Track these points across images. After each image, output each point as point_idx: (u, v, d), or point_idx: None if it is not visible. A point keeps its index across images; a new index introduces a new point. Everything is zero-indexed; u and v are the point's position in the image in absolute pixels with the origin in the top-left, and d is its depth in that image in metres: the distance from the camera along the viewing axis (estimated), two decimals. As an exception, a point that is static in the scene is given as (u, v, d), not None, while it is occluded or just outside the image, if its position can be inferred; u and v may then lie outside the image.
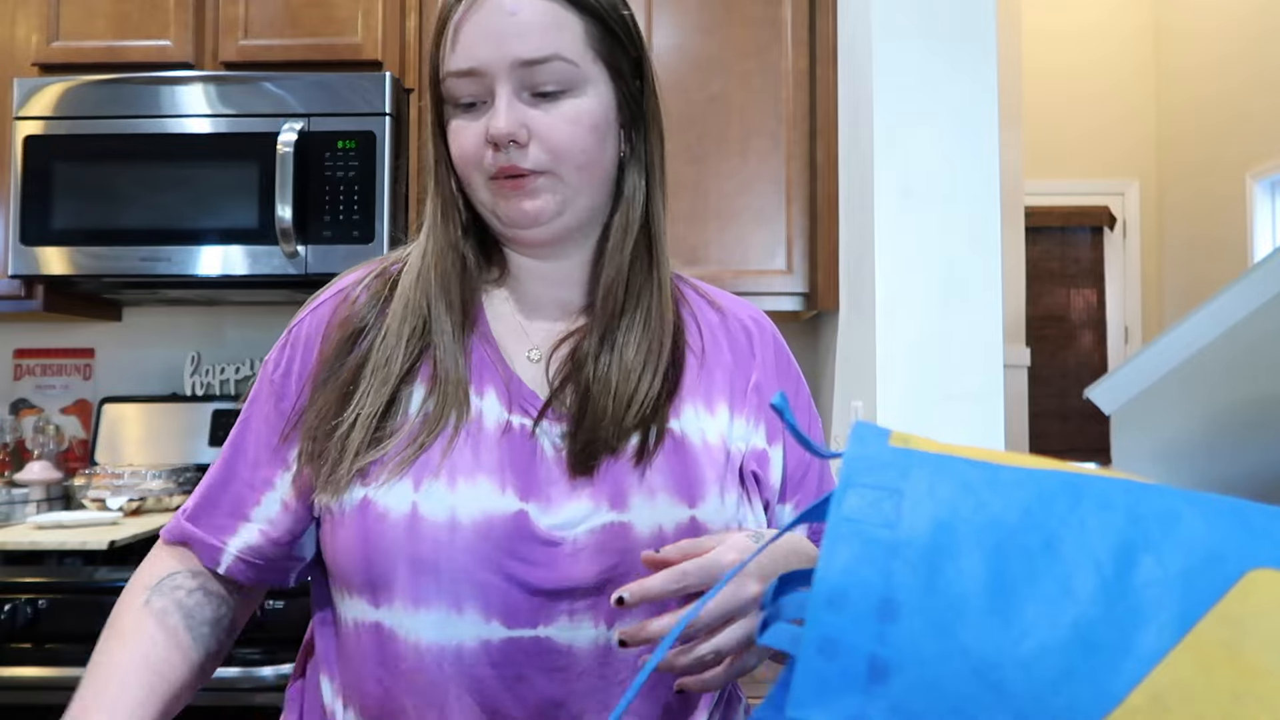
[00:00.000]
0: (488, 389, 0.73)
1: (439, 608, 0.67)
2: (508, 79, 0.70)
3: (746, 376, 0.78)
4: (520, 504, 0.69)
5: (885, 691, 0.34)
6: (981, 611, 0.33)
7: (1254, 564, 0.33)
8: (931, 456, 0.37)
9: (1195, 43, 4.91)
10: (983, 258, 1.68)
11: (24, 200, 1.94)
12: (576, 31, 0.72)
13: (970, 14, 1.70)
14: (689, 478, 0.71)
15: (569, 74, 0.71)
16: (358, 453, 0.69)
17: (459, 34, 0.71)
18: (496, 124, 0.70)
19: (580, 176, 0.73)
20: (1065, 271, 5.44)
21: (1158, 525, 0.34)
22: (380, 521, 0.68)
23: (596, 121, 0.73)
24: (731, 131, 2.11)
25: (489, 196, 0.73)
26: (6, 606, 1.57)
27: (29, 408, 2.38)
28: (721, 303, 0.83)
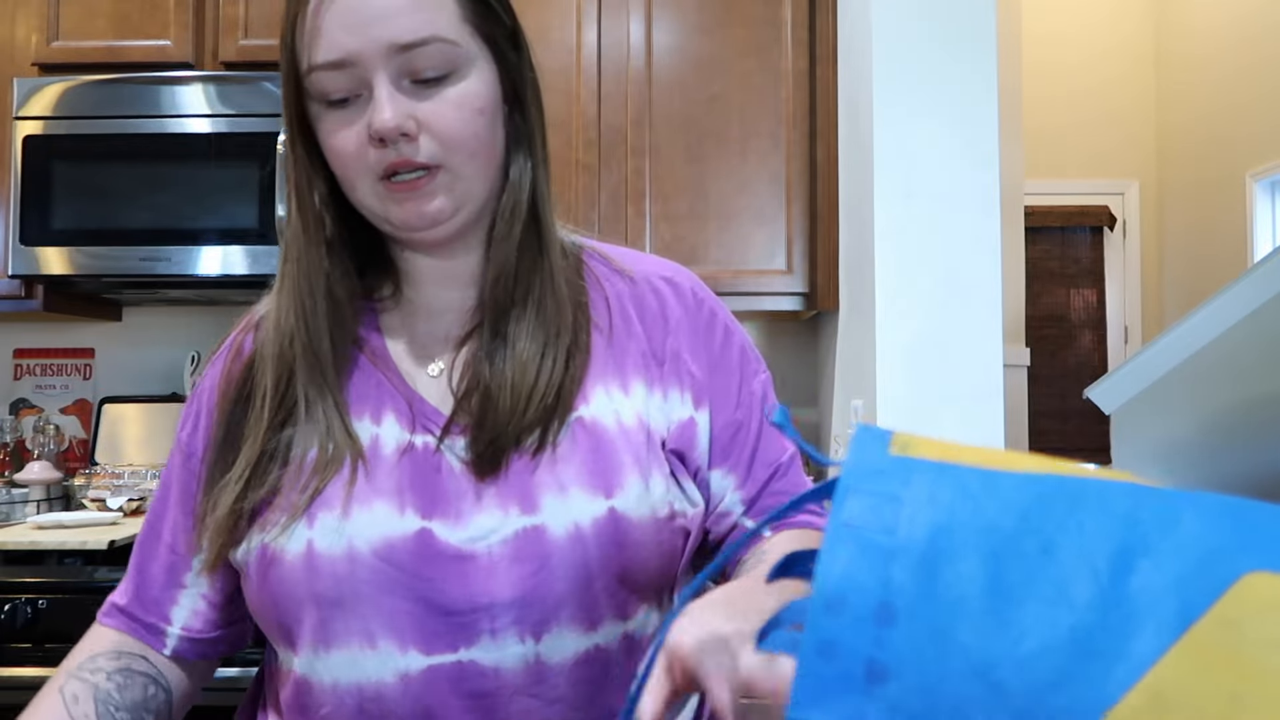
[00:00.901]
0: (386, 415, 0.69)
1: (350, 645, 0.63)
2: (384, 67, 0.63)
3: (662, 344, 0.72)
4: (422, 522, 0.64)
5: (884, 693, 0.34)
6: (979, 614, 0.34)
7: (1251, 567, 0.33)
8: (931, 464, 0.37)
9: (1195, 43, 4.91)
10: (983, 258, 1.68)
11: (24, 200, 1.94)
12: (449, 7, 0.65)
13: (970, 14, 1.70)
14: (603, 466, 0.66)
15: (450, 55, 0.64)
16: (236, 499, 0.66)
17: (320, 21, 0.63)
18: (381, 118, 0.62)
19: (474, 165, 0.67)
20: (1065, 271, 5.44)
21: (1156, 528, 0.34)
22: (278, 566, 0.64)
23: (484, 104, 0.66)
24: (731, 131, 2.11)
25: (377, 202, 0.66)
26: (6, 606, 1.57)
27: (29, 408, 2.38)
28: (632, 269, 0.76)
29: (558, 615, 0.64)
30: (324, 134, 0.66)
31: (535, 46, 2.31)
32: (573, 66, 2.13)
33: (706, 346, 0.74)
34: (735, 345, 0.76)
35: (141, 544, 0.76)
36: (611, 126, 2.12)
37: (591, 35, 2.13)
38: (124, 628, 0.74)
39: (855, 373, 1.89)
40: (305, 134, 0.69)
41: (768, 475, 0.73)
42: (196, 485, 0.72)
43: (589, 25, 2.13)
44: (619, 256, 0.77)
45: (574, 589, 0.64)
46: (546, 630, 0.63)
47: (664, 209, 2.11)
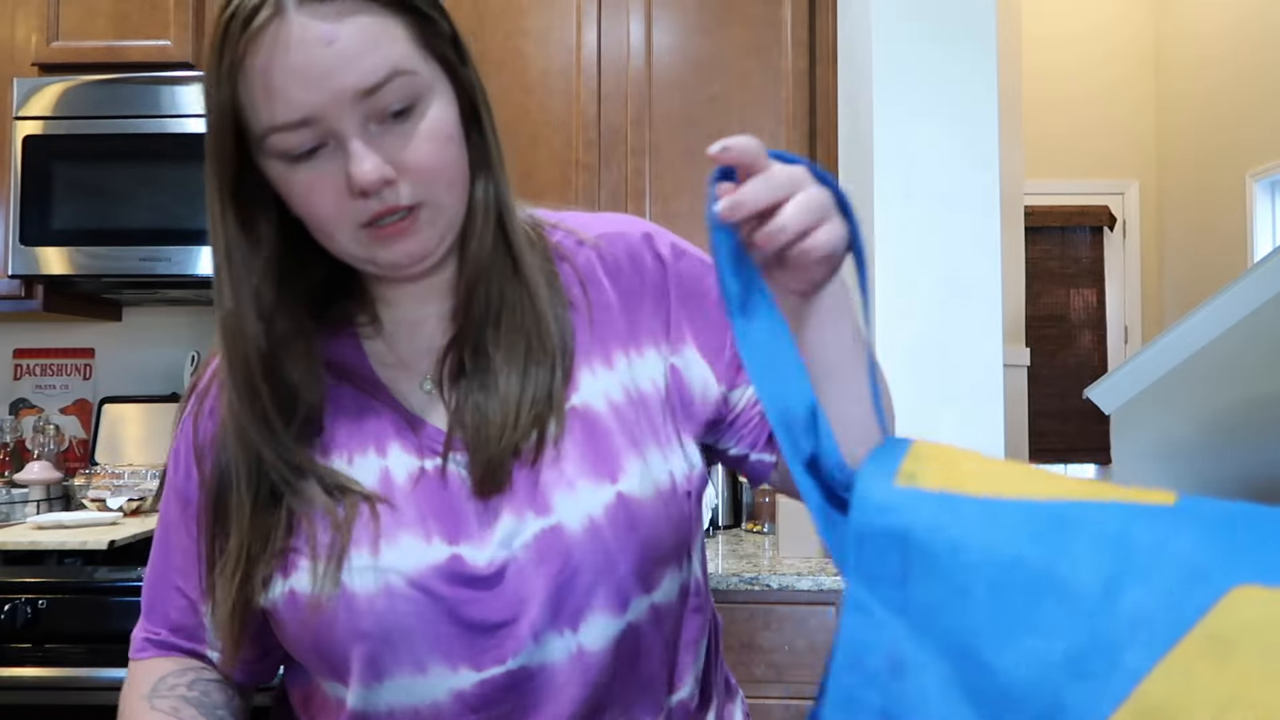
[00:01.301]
0: (390, 445, 0.69)
1: (401, 675, 0.64)
2: (350, 115, 0.60)
3: (635, 302, 0.73)
4: (450, 548, 0.65)
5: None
6: (979, 659, 0.36)
7: (1238, 580, 0.34)
8: (934, 500, 0.39)
9: (1195, 43, 4.91)
10: (983, 258, 1.68)
11: (24, 200, 1.94)
12: (402, 37, 0.61)
13: (970, 14, 1.70)
14: (602, 453, 0.67)
15: (412, 86, 0.61)
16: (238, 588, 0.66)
17: (272, 81, 0.59)
18: (361, 171, 0.60)
19: (452, 194, 0.65)
20: (1065, 271, 5.44)
21: (1146, 548, 0.36)
22: (315, 611, 0.64)
23: (452, 129, 0.64)
24: (731, 132, 2.10)
25: (360, 249, 0.64)
26: (6, 606, 1.57)
27: (29, 408, 2.38)
28: (594, 236, 0.75)
29: (590, 604, 0.65)
30: (295, 193, 0.63)
31: (535, 46, 2.29)
32: (573, 66, 2.13)
33: (676, 286, 0.74)
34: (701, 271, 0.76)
35: (154, 584, 0.75)
36: (611, 126, 2.12)
37: (591, 35, 2.13)
38: (171, 654, 0.74)
39: (855, 373, 1.89)
40: (237, 199, 0.65)
41: None
42: (198, 535, 0.71)
43: (589, 25, 2.13)
44: (578, 225, 0.77)
45: (600, 576, 0.66)
46: (582, 620, 0.65)
47: (664, 209, 2.11)
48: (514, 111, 2.12)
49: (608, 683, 0.67)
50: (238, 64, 0.59)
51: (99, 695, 1.57)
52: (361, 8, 0.60)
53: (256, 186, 0.65)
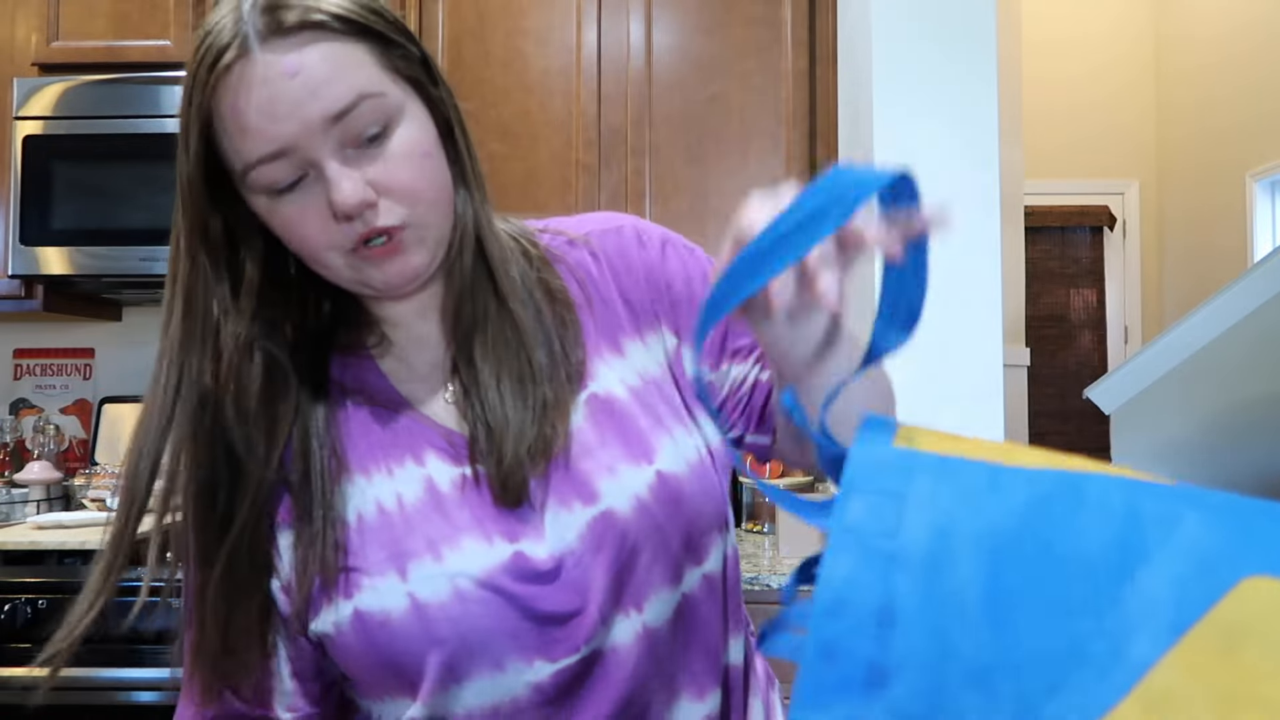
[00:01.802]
0: (426, 454, 0.70)
1: (480, 675, 0.66)
2: (324, 142, 0.61)
3: (631, 293, 0.75)
4: (512, 546, 0.67)
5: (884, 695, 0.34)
6: (978, 620, 0.34)
7: (1249, 571, 0.33)
8: (935, 459, 0.37)
9: (1195, 43, 4.91)
10: (983, 258, 1.68)
11: (24, 200, 1.95)
12: (365, 60, 0.63)
13: (970, 14, 1.70)
14: (632, 436, 0.70)
15: (382, 107, 0.63)
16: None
17: (243, 121, 0.60)
18: (341, 196, 0.61)
19: (436, 211, 0.66)
20: (1065, 271, 5.44)
21: (1155, 531, 0.34)
22: (384, 628, 0.65)
23: (428, 147, 0.66)
24: (731, 132, 2.11)
25: (353, 272, 0.65)
26: (6, 606, 1.57)
27: (29, 408, 2.38)
28: (586, 236, 0.78)
29: (650, 582, 0.68)
30: (281, 224, 0.64)
31: (535, 46, 2.30)
32: (573, 66, 2.13)
33: (662, 274, 0.76)
34: (698, 257, 0.78)
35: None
36: (611, 126, 2.12)
37: (591, 35, 2.13)
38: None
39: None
40: (208, 241, 0.66)
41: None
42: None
43: (589, 25, 2.13)
44: (568, 226, 0.79)
45: (656, 554, 0.68)
46: (645, 599, 0.68)
47: (664, 209, 2.11)
48: (514, 111, 2.12)
49: (673, 655, 0.69)
50: (208, 107, 0.61)
51: (99, 695, 1.57)
52: (323, 37, 0.61)
53: (232, 230, 0.67)
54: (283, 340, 0.69)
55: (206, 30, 0.61)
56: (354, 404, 0.72)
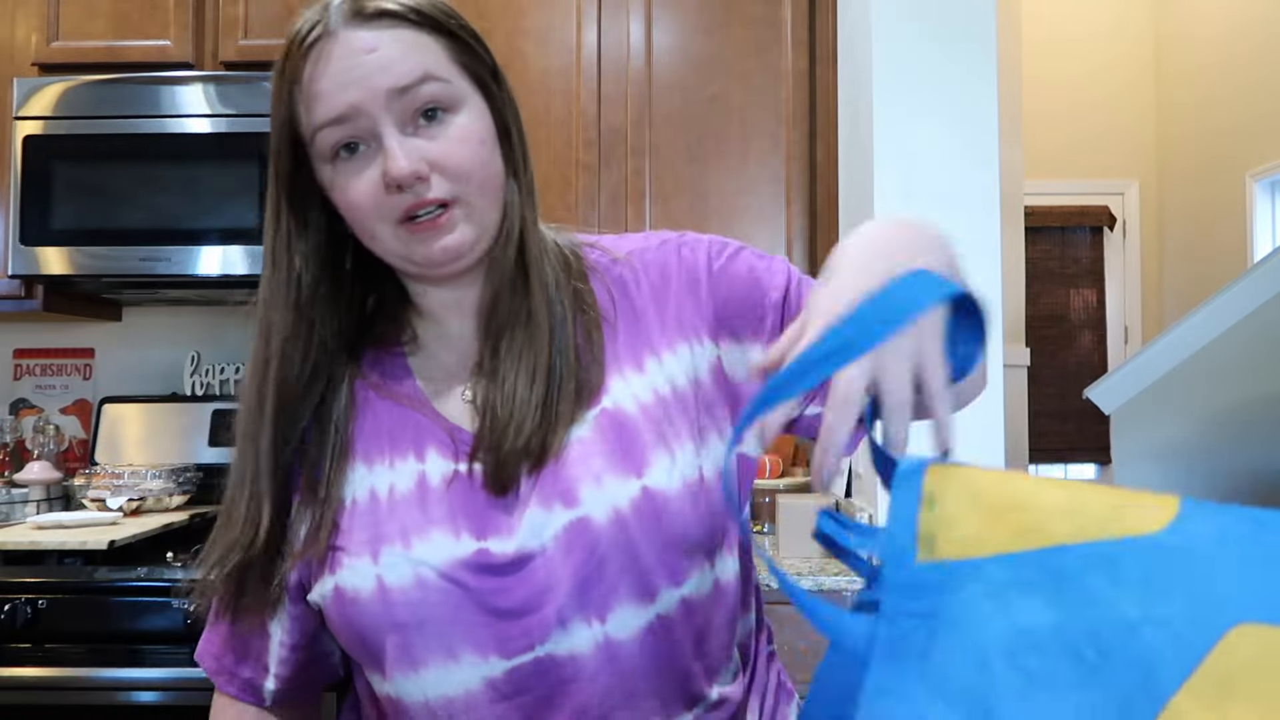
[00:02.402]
0: (428, 450, 0.73)
1: (435, 663, 0.68)
2: (386, 112, 0.67)
3: (666, 306, 0.77)
4: (478, 543, 0.69)
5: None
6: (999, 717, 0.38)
7: (1237, 620, 0.34)
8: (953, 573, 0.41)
9: (1195, 43, 4.91)
10: (983, 258, 1.68)
11: (24, 200, 1.95)
12: (437, 50, 0.70)
13: (970, 14, 1.70)
14: (628, 450, 0.71)
15: (444, 92, 0.69)
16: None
17: (317, 87, 0.68)
18: (395, 165, 0.66)
19: (485, 196, 0.71)
20: (1065, 271, 5.44)
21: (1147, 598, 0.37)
22: (354, 604, 0.69)
23: (484, 136, 0.71)
24: (731, 131, 2.11)
25: (399, 244, 0.70)
26: (6, 606, 1.57)
27: (29, 408, 2.38)
28: (624, 251, 0.80)
29: (616, 593, 0.68)
30: (338, 190, 0.70)
31: (535, 46, 2.30)
32: (573, 66, 2.13)
33: (706, 277, 0.77)
34: (745, 256, 0.80)
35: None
36: (611, 126, 2.12)
37: (591, 35, 2.13)
38: (235, 693, 0.79)
39: (855, 373, 1.89)
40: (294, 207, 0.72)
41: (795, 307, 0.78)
42: None
43: (589, 25, 2.13)
44: (611, 244, 0.82)
45: (626, 568, 0.68)
46: (609, 610, 0.68)
47: (664, 209, 2.11)
48: (514, 111, 2.12)
49: (639, 673, 0.69)
50: (296, 80, 0.68)
51: (99, 695, 1.57)
52: (402, 25, 0.69)
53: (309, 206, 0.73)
54: (332, 324, 0.74)
55: (298, 20, 0.69)
56: (377, 395, 0.76)
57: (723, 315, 0.76)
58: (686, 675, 0.72)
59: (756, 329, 0.76)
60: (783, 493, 2.02)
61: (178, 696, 1.57)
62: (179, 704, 1.57)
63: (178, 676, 1.56)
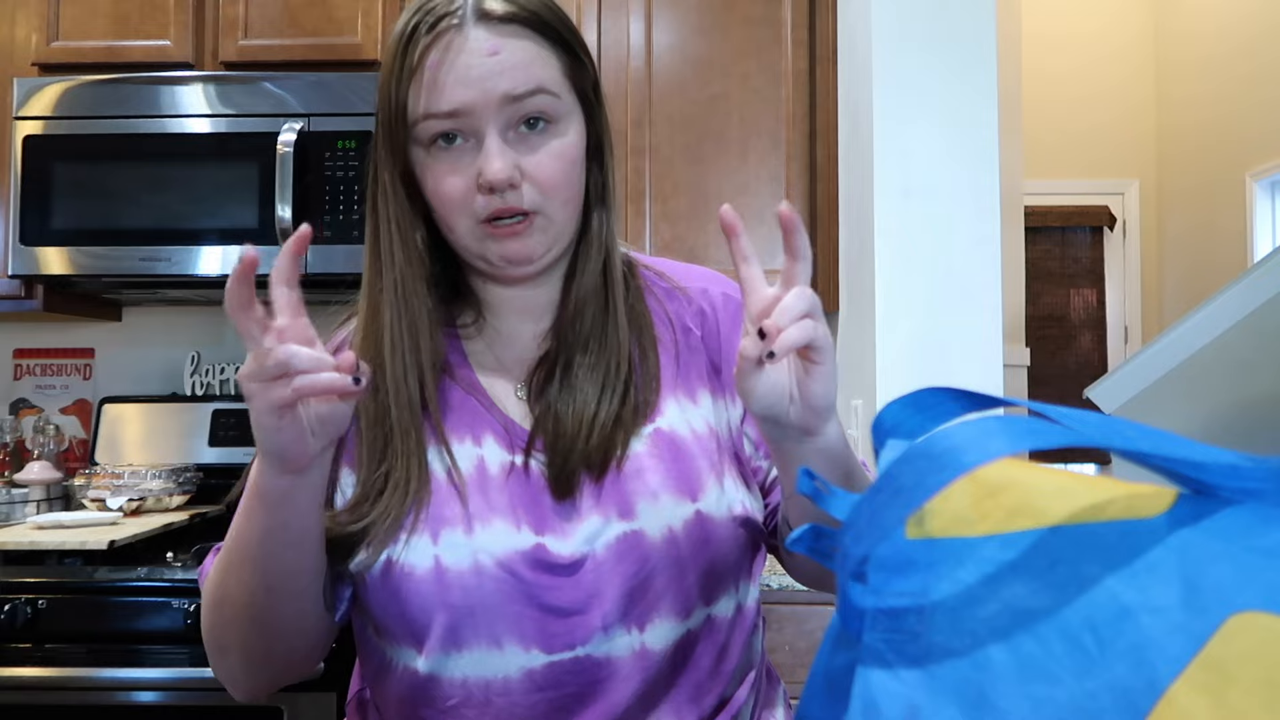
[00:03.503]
0: (485, 437, 0.75)
1: (479, 647, 0.70)
2: (495, 117, 0.69)
3: (718, 353, 0.80)
4: (536, 538, 0.71)
5: None
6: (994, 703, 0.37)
7: (1236, 609, 0.34)
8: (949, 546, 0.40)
9: (1195, 43, 4.91)
10: (983, 258, 1.68)
11: (24, 200, 1.94)
12: (554, 65, 0.72)
13: (970, 14, 1.70)
14: (685, 473, 0.73)
15: (552, 107, 0.71)
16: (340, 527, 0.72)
17: (438, 75, 0.69)
18: (492, 168, 0.69)
19: (565, 211, 0.73)
20: (1065, 271, 5.44)
21: (1146, 585, 0.36)
22: (408, 580, 0.70)
23: (577, 156, 0.73)
24: (731, 131, 2.11)
25: (476, 242, 0.72)
26: (6, 606, 1.57)
27: (29, 408, 2.38)
28: (685, 285, 0.83)
29: (658, 607, 0.71)
30: (430, 178, 0.71)
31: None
32: (573, 66, 2.13)
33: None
34: None
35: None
36: (611, 126, 2.12)
37: (591, 35, 2.13)
38: None
39: (855, 373, 1.89)
40: (407, 178, 0.73)
41: None
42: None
43: (589, 25, 2.13)
44: (672, 273, 0.84)
45: (671, 584, 0.71)
46: (649, 621, 0.71)
47: (664, 209, 2.11)
48: (514, 111, 2.12)
49: (663, 680, 0.72)
50: (416, 63, 0.69)
51: (99, 695, 1.57)
52: (527, 34, 0.71)
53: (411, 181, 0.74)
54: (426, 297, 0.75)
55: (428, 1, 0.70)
56: (437, 380, 0.76)
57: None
58: (702, 684, 0.75)
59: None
60: (783, 493, 2.02)
61: (178, 696, 1.57)
62: (179, 704, 1.57)
63: (178, 676, 1.56)
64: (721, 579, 0.74)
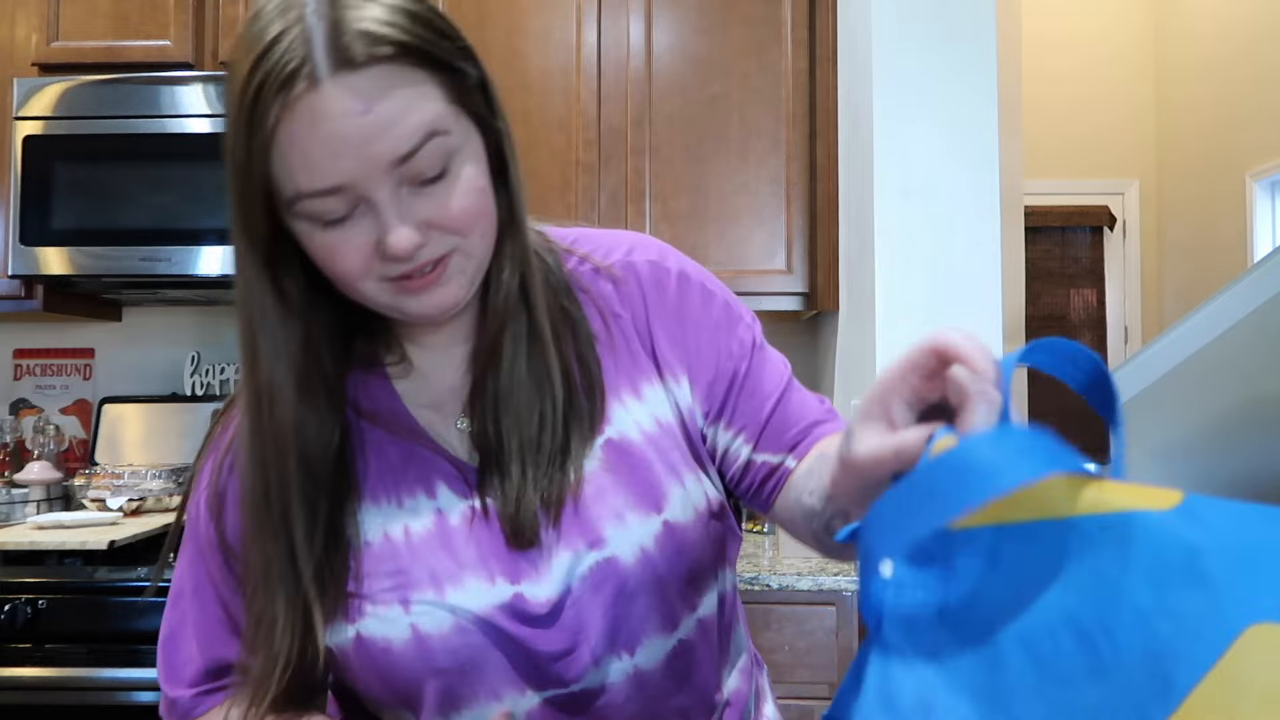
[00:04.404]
0: (438, 485, 0.69)
1: (477, 703, 0.68)
2: (383, 183, 0.58)
3: (649, 333, 0.73)
4: (513, 587, 0.67)
5: None
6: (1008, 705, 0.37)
7: (1254, 619, 0.33)
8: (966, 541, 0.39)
9: (1195, 43, 4.91)
10: (983, 258, 1.68)
11: (24, 200, 1.95)
12: (436, 95, 0.59)
13: (970, 14, 1.70)
14: (645, 484, 0.70)
15: (447, 146, 0.60)
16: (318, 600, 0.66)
17: (305, 150, 0.57)
18: (397, 242, 0.58)
19: (484, 243, 0.65)
20: (1065, 271, 5.44)
21: (1173, 582, 0.35)
22: (386, 654, 0.66)
23: (483, 183, 0.63)
24: (731, 131, 2.11)
25: (388, 298, 0.63)
26: (6, 606, 1.57)
27: (29, 408, 2.38)
28: (613, 267, 0.75)
29: (644, 629, 0.69)
30: (319, 252, 0.61)
31: (535, 46, 2.29)
32: (573, 66, 2.13)
33: (679, 314, 0.74)
34: (716, 302, 0.76)
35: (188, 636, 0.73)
36: (611, 126, 2.12)
37: (591, 35, 2.13)
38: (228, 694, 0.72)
39: (855, 372, 1.89)
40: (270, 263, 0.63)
41: (770, 409, 0.74)
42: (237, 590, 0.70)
43: (589, 25, 2.13)
44: (593, 246, 0.76)
45: (654, 602, 0.69)
46: (638, 644, 0.69)
47: (664, 209, 2.11)
48: (514, 111, 2.11)
49: (664, 695, 0.71)
50: (271, 134, 0.57)
51: (99, 695, 1.57)
52: (395, 72, 0.57)
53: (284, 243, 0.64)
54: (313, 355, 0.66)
55: (266, 45, 0.56)
56: (367, 426, 0.70)
57: (686, 361, 0.74)
58: (706, 686, 0.74)
59: (704, 392, 0.74)
60: (783, 493, 2.02)
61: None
62: (179, 704, 1.57)
63: (178, 676, 1.56)
64: (702, 580, 0.72)
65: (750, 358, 0.75)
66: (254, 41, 0.57)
